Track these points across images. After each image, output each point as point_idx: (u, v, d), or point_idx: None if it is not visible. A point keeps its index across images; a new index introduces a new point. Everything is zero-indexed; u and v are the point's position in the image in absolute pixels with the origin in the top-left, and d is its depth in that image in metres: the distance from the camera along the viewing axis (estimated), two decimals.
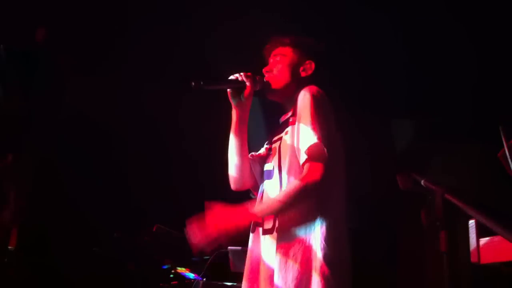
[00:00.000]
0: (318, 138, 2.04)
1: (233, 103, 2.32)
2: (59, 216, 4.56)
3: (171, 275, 3.72)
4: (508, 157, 1.99)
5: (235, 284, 3.43)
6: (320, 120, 2.09)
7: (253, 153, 2.42)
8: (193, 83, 2.19)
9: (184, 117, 4.83)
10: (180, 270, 3.74)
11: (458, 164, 4.19)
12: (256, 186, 2.41)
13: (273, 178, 2.23)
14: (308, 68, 2.35)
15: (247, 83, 2.25)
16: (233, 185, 2.41)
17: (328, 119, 2.13)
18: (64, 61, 4.36)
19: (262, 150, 2.45)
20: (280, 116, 2.42)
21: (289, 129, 2.23)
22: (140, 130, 4.86)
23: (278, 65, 2.35)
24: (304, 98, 2.15)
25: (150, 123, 4.88)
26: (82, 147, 4.73)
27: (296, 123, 2.16)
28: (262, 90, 2.33)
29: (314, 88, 2.17)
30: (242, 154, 2.34)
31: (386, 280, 4.51)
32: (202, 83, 2.20)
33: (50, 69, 4.29)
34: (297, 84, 2.32)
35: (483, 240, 1.98)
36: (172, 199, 4.81)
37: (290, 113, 2.31)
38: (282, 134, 2.27)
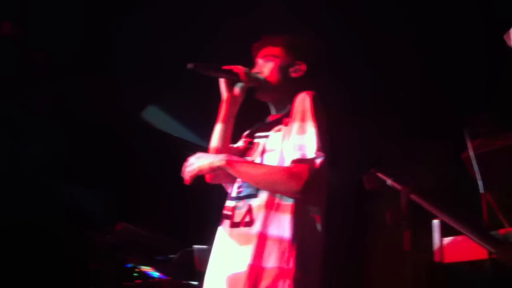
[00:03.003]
0: (318, 149, 2.03)
1: (224, 95, 2.31)
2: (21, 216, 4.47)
3: (135, 274, 3.67)
4: (472, 158, 2.01)
5: (201, 283, 3.41)
6: (321, 130, 2.07)
7: (232, 145, 2.40)
8: (189, 64, 2.17)
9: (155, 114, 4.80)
10: (145, 268, 3.70)
11: (420, 164, 4.24)
12: (229, 181, 2.38)
13: None
14: (299, 69, 2.34)
15: (242, 77, 2.25)
16: (209, 178, 2.38)
17: (325, 129, 2.11)
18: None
19: (240, 144, 2.43)
20: (263, 113, 2.42)
21: (282, 128, 2.21)
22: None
23: (269, 66, 2.34)
24: (304, 103, 2.14)
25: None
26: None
27: (294, 125, 2.14)
28: (255, 88, 2.32)
29: (313, 93, 2.16)
30: (224, 148, 2.32)
31: (351, 279, 4.54)
32: (199, 66, 2.19)
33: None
34: (287, 85, 2.32)
35: (446, 240, 2.01)
36: (138, 198, 4.76)
37: (282, 114, 2.30)
38: (271, 132, 2.24)
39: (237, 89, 2.31)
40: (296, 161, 2.05)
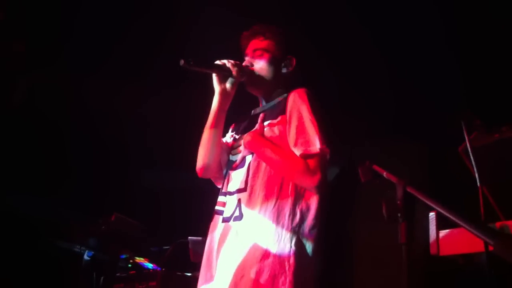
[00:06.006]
0: (323, 143, 2.05)
1: (216, 89, 2.30)
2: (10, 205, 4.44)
3: (129, 265, 3.66)
4: (470, 151, 2.01)
5: (195, 274, 3.40)
6: (321, 125, 2.10)
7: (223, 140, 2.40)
8: (182, 61, 2.17)
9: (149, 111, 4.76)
10: (139, 260, 3.69)
11: (410, 159, 4.23)
12: (219, 176, 2.38)
13: (244, 168, 2.20)
14: (289, 64, 2.36)
15: (233, 72, 2.24)
16: (200, 173, 2.38)
17: (324, 123, 2.13)
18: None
19: (228, 139, 2.43)
20: (250, 108, 2.43)
21: (275, 124, 2.20)
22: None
23: (260, 60, 2.34)
24: (300, 101, 2.15)
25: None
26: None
27: (293, 123, 2.14)
28: (246, 82, 2.32)
29: (305, 90, 2.17)
30: (216, 143, 2.32)
31: (344, 271, 4.54)
32: (191, 62, 2.18)
33: None
34: (278, 80, 2.33)
35: (442, 232, 2.01)
36: (132, 188, 4.75)
37: (272, 108, 2.29)
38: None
39: (228, 83, 2.29)
40: (306, 157, 2.04)
